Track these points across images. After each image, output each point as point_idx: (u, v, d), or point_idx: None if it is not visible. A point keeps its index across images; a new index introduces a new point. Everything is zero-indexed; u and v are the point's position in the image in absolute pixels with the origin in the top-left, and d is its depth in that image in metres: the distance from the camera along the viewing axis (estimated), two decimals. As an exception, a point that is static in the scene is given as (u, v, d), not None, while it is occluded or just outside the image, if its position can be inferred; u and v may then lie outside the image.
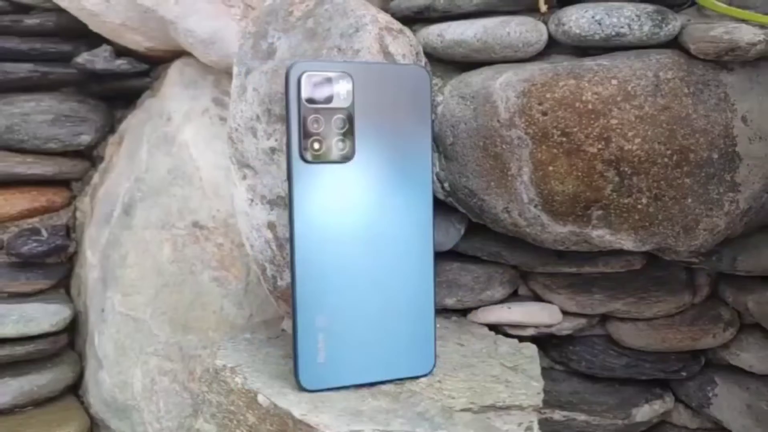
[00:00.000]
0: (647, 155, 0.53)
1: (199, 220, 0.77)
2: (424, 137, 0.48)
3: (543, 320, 0.62)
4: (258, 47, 0.55)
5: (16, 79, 0.85)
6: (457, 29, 0.59)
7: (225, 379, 0.50)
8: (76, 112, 0.90)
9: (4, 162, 0.86)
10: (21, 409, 0.84)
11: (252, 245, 0.55)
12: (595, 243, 0.57)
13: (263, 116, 0.52)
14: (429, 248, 0.49)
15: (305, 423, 0.42)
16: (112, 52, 0.85)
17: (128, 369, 0.80)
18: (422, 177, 0.48)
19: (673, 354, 0.63)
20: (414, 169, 0.48)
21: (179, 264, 0.78)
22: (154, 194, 0.81)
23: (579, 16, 0.55)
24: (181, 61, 0.84)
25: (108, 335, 0.82)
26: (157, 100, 0.86)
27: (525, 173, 0.55)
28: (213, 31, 0.71)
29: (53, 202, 0.92)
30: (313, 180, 0.45)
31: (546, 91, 0.54)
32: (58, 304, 0.87)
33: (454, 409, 0.45)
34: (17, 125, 0.86)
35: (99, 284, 0.84)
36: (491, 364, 0.53)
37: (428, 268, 0.49)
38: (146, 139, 0.84)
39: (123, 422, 0.82)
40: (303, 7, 0.55)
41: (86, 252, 0.88)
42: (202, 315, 0.76)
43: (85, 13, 0.78)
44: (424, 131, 0.48)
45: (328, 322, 0.46)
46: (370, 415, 0.43)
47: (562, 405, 0.63)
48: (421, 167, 0.48)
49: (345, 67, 0.46)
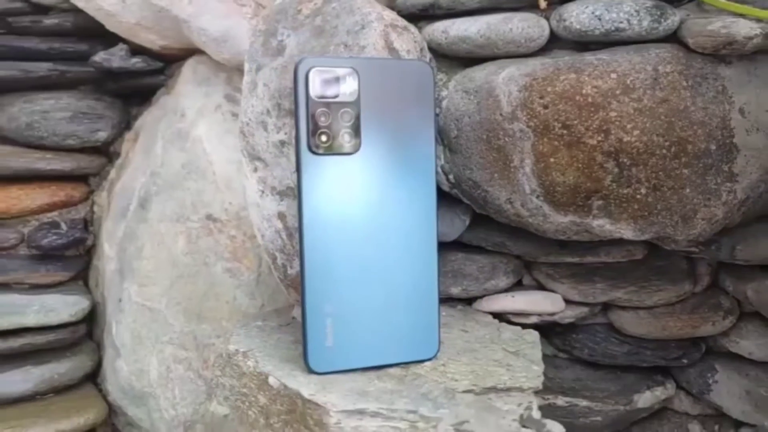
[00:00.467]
0: (645, 147, 0.54)
1: (212, 213, 0.79)
2: (427, 129, 0.50)
3: (546, 308, 0.64)
4: (268, 44, 0.57)
5: (36, 77, 0.87)
6: (461, 26, 0.61)
7: (237, 363, 0.52)
8: (94, 109, 0.91)
9: (25, 158, 0.88)
10: (42, 396, 0.86)
11: (263, 235, 0.57)
12: (596, 232, 0.58)
13: (273, 110, 0.54)
14: (433, 237, 0.50)
15: (314, 402, 0.44)
16: (127, 50, 0.87)
17: (144, 357, 0.82)
18: (426, 168, 0.50)
19: (674, 342, 0.64)
20: (418, 160, 0.50)
21: (193, 256, 0.80)
22: (169, 188, 0.83)
23: (579, 11, 0.57)
24: (194, 59, 0.85)
25: (125, 325, 0.84)
26: (172, 97, 0.88)
27: (527, 165, 0.57)
28: (225, 29, 0.73)
29: (72, 196, 0.93)
30: (321, 171, 0.47)
31: (547, 85, 0.55)
32: (76, 295, 0.89)
33: (457, 391, 0.46)
34: (37, 122, 0.88)
35: (116, 276, 0.86)
36: (494, 349, 0.54)
37: (432, 256, 0.50)
38: (161, 135, 0.86)
39: (140, 409, 0.84)
40: (311, 5, 0.56)
41: (104, 245, 0.90)
42: (216, 305, 0.78)
43: (101, 13, 0.79)
44: (428, 124, 0.50)
45: (335, 308, 0.48)
46: (376, 396, 0.45)
47: (565, 391, 0.64)
48: (425, 159, 0.50)
49: (351, 63, 0.48)
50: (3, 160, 0.87)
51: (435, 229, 0.50)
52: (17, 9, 0.85)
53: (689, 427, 0.66)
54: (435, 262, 0.50)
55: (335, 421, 0.42)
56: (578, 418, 0.63)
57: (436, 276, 0.51)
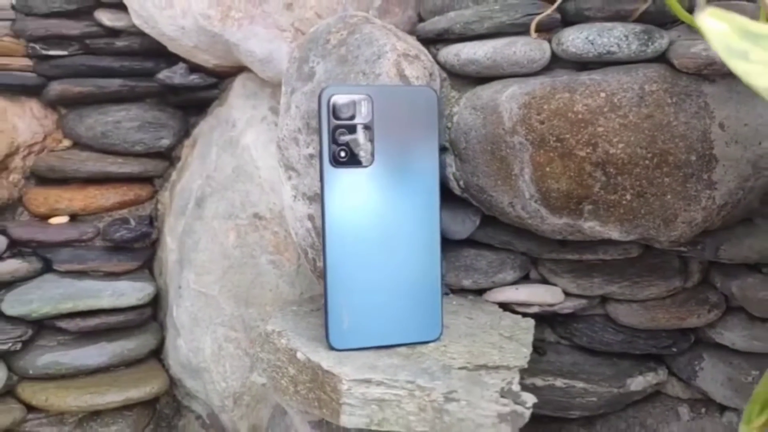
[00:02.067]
0: (630, 158, 0.60)
1: (258, 212, 0.86)
2: (431, 145, 0.58)
3: (546, 300, 0.70)
4: (301, 70, 0.66)
5: (109, 92, 0.94)
6: (471, 49, 0.68)
7: (273, 340, 0.61)
8: (158, 119, 0.97)
9: (100, 162, 0.95)
10: (114, 368, 0.94)
11: (296, 233, 0.66)
12: (587, 233, 0.65)
13: (303, 129, 0.63)
14: (436, 238, 0.58)
15: (330, 372, 0.52)
16: (186, 68, 0.93)
17: (200, 337, 0.89)
18: (429, 178, 0.58)
19: (664, 332, 0.70)
20: (423, 171, 0.58)
21: (242, 249, 0.87)
22: (222, 189, 0.89)
23: (575, 36, 0.63)
24: (243, 76, 0.91)
25: (184, 308, 0.91)
26: (224, 109, 0.93)
27: (526, 173, 0.64)
28: (269, 51, 0.79)
29: (139, 195, 0.99)
30: (340, 181, 0.56)
31: (544, 103, 0.62)
32: (143, 282, 0.95)
33: (453, 367, 0.54)
34: (110, 131, 0.94)
35: (176, 265, 0.93)
36: (491, 334, 0.62)
37: (435, 253, 0.58)
38: (215, 143, 0.92)
39: (196, 381, 0.92)
40: (338, 36, 0.65)
41: (166, 238, 0.97)
42: (261, 292, 0.85)
43: (164, 37, 0.86)
44: (432, 140, 0.58)
45: (352, 297, 0.56)
46: (383, 369, 0.53)
47: (564, 374, 0.71)
48: (429, 170, 0.58)
49: (365, 90, 0.56)
50: (82, 164, 0.94)
51: (438, 230, 0.58)
52: (94, 32, 0.92)
53: (679, 409, 0.72)
54: (438, 258, 0.58)
55: (346, 387, 0.51)
56: (575, 398, 0.70)
57: (439, 270, 0.58)
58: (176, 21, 0.82)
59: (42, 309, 0.90)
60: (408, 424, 0.50)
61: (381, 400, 0.51)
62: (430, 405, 0.50)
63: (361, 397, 0.51)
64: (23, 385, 0.91)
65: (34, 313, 0.90)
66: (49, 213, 0.96)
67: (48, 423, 0.92)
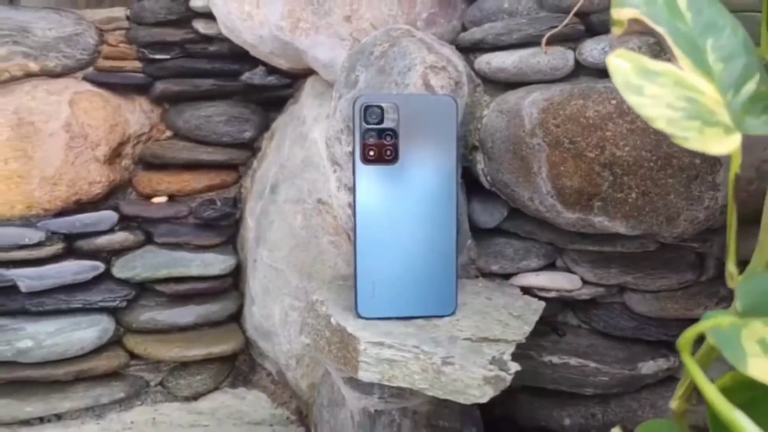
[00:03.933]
0: (635, 160, 0.66)
1: (322, 198, 0.95)
2: (450, 145, 0.66)
3: (564, 286, 0.77)
4: (348, 78, 0.76)
5: (202, 90, 1.07)
6: (500, 59, 0.75)
7: (316, 308, 0.72)
8: (242, 114, 1.08)
9: (194, 151, 1.08)
10: (200, 327, 1.08)
11: (340, 218, 0.77)
12: (597, 227, 0.71)
13: (345, 130, 0.74)
14: (452, 226, 0.67)
15: (353, 335, 0.63)
16: (265, 71, 1.04)
17: (270, 305, 1.00)
18: (448, 174, 0.66)
19: (673, 321, 0.75)
20: (442, 168, 0.66)
21: (307, 230, 0.96)
22: (292, 177, 0.99)
23: (593, 47, 0.70)
24: (312, 78, 1.00)
25: (257, 280, 1.03)
26: (297, 106, 1.03)
27: (543, 171, 0.71)
28: (331, 58, 0.88)
29: (225, 180, 1.11)
30: (369, 176, 0.65)
31: (560, 109, 0.69)
32: (226, 255, 1.08)
33: (458, 338, 0.63)
34: (202, 125, 1.07)
35: (254, 242, 1.05)
36: (502, 313, 0.70)
37: (451, 239, 0.67)
38: (288, 136, 1.02)
39: (267, 343, 1.03)
40: (380, 48, 0.75)
41: (247, 218, 1.08)
42: (321, 268, 0.94)
43: (246, 44, 0.97)
44: (450, 142, 0.66)
45: (378, 273, 0.66)
46: (396, 335, 0.63)
47: (579, 354, 0.77)
48: (448, 166, 0.66)
49: (393, 99, 0.66)
50: (179, 152, 1.08)
51: (454, 220, 0.67)
52: (191, 38, 1.05)
53: (688, 394, 0.76)
54: (453, 243, 0.67)
55: (363, 348, 0.61)
56: (588, 377, 0.77)
57: (454, 254, 0.67)
58: (255, 31, 0.94)
59: (143, 274, 1.05)
60: (413, 381, 0.60)
61: (391, 360, 0.61)
62: (431, 366, 0.59)
63: (375, 357, 0.61)
64: (128, 336, 1.07)
65: (137, 277, 1.05)
66: (152, 193, 1.10)
67: (147, 369, 1.09)
